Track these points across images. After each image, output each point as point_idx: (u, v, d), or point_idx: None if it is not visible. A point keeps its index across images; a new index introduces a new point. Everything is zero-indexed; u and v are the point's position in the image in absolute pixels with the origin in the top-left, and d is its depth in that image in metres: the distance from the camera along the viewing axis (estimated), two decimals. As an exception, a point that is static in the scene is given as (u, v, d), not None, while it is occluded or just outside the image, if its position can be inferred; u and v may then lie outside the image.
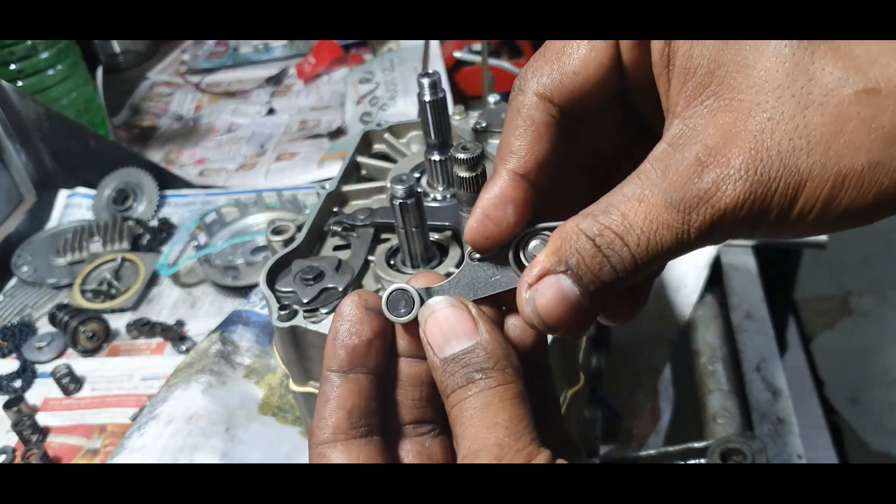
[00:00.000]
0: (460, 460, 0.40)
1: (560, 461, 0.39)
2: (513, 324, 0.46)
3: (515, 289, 0.43)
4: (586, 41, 0.42)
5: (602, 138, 0.47)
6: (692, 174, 0.37)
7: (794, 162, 0.36)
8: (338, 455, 0.43)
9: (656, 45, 0.40)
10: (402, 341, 0.46)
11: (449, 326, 0.43)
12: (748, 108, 0.37)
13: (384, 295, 0.45)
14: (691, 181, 0.37)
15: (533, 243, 0.44)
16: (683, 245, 0.38)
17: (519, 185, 0.43)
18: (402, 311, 0.45)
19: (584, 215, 0.40)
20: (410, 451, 0.46)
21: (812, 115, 0.35)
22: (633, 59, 0.42)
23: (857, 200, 0.36)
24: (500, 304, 0.46)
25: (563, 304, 0.40)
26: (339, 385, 0.44)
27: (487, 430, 0.40)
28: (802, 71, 0.36)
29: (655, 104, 0.42)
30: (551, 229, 0.43)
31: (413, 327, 0.45)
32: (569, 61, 0.42)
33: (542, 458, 0.39)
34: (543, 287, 0.40)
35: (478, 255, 0.45)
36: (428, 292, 0.45)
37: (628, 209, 0.39)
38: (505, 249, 0.45)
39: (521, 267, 0.45)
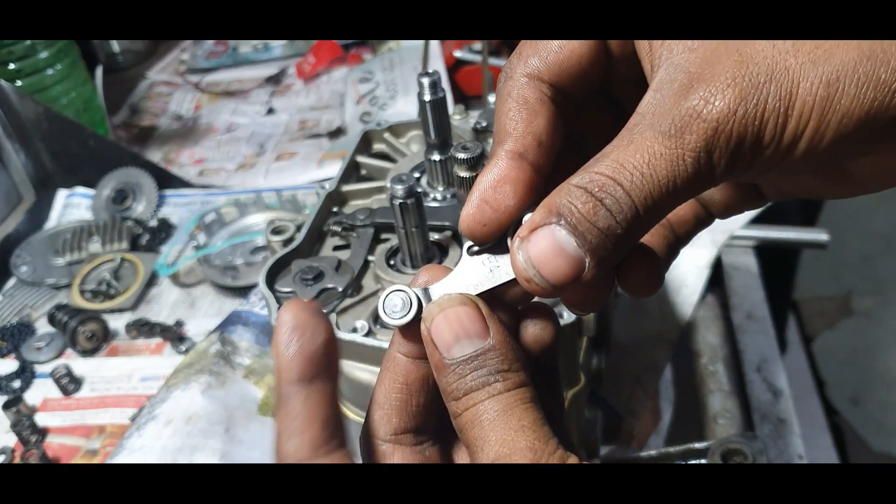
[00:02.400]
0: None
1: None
2: (524, 327, 0.44)
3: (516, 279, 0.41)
4: None
5: (586, 128, 0.46)
6: (678, 99, 0.36)
7: (783, 64, 0.34)
8: None
9: None
10: (406, 344, 0.43)
11: (460, 325, 0.40)
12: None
13: (381, 297, 0.43)
14: (677, 104, 0.36)
15: None
16: (682, 177, 0.36)
17: (517, 164, 0.41)
18: (400, 313, 0.43)
19: (577, 173, 0.38)
20: (411, 462, 0.44)
21: None
22: None
23: (857, 101, 0.34)
24: (512, 306, 0.44)
25: (560, 255, 0.37)
26: (305, 397, 0.40)
27: (516, 434, 0.38)
28: None
29: (638, 85, 0.41)
30: None
31: (412, 331, 0.43)
32: (554, 39, 0.42)
33: (572, 461, 0.38)
34: (536, 238, 0.38)
35: (476, 248, 0.43)
36: (426, 293, 0.43)
37: (618, 153, 0.37)
38: (504, 238, 0.42)
39: None
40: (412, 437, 0.45)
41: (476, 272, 0.43)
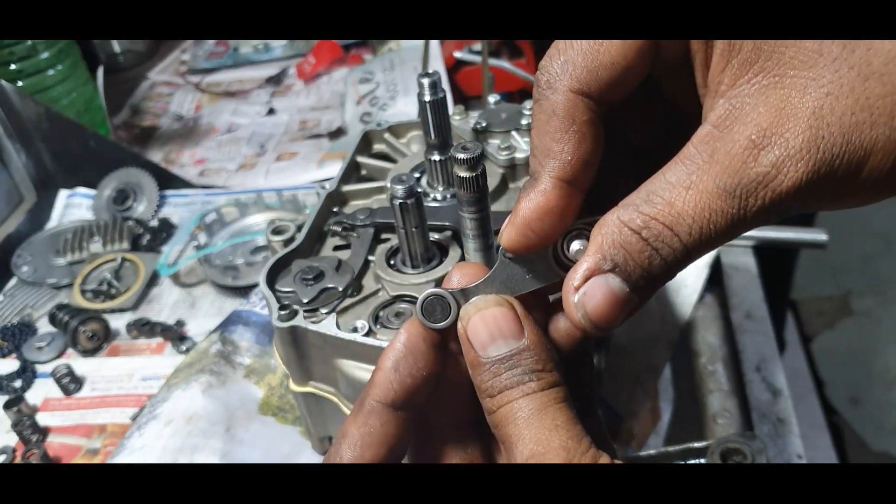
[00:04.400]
0: (522, 462, 0.39)
1: (617, 461, 0.39)
2: (555, 321, 0.45)
3: (554, 283, 0.42)
4: None
5: (634, 128, 0.45)
6: (746, 158, 0.35)
7: (858, 137, 0.34)
8: None
9: None
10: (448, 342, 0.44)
11: (496, 325, 0.41)
12: (802, 83, 0.35)
13: (418, 302, 0.44)
14: (746, 165, 0.35)
15: (574, 243, 0.42)
16: (739, 229, 0.36)
17: (566, 193, 0.40)
18: (439, 316, 0.44)
19: (625, 206, 0.38)
20: (454, 458, 0.45)
21: (874, 86, 0.33)
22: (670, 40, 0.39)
23: None
24: (544, 302, 0.45)
25: (614, 305, 0.38)
26: (386, 420, 0.42)
27: (550, 433, 0.39)
28: (860, 40, 0.33)
29: (688, 88, 0.40)
30: (590, 224, 0.40)
31: (451, 331, 0.44)
32: (606, 51, 0.39)
33: (604, 460, 0.38)
34: (592, 289, 0.38)
35: (510, 254, 0.44)
36: (463, 295, 0.44)
37: (675, 197, 0.36)
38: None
39: (561, 264, 0.43)
40: (455, 430, 0.46)
41: (512, 275, 0.44)
